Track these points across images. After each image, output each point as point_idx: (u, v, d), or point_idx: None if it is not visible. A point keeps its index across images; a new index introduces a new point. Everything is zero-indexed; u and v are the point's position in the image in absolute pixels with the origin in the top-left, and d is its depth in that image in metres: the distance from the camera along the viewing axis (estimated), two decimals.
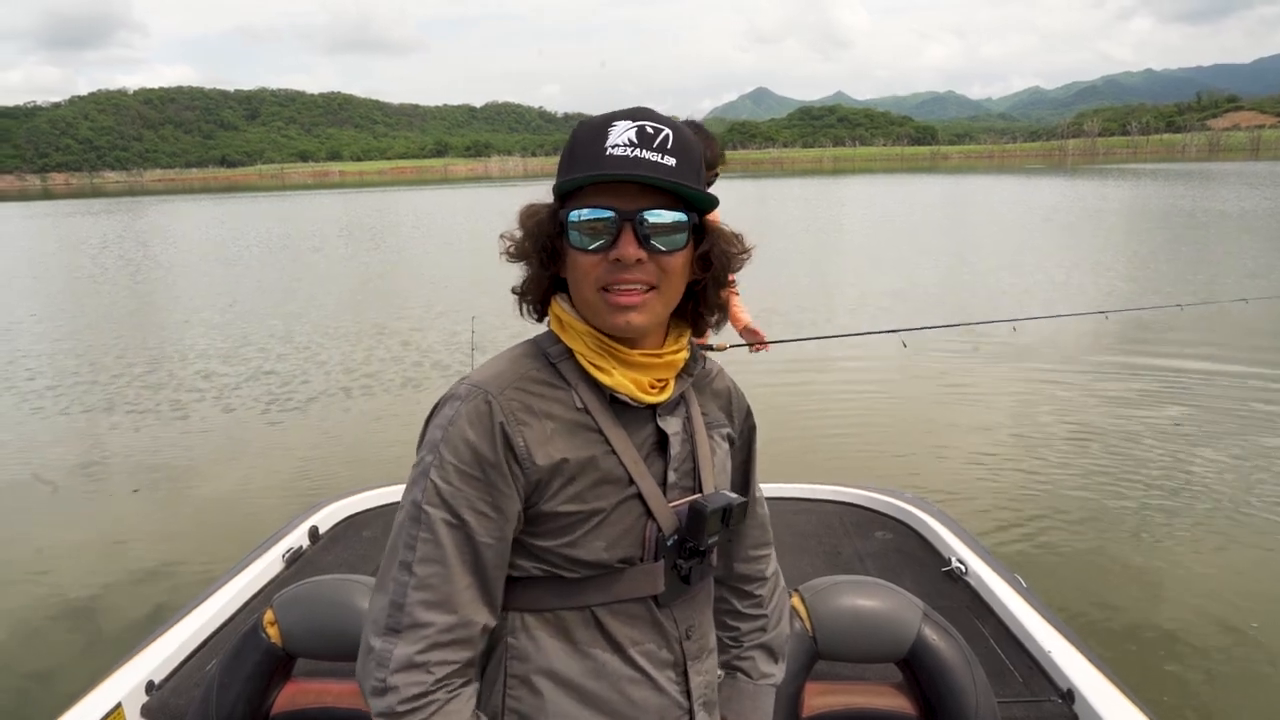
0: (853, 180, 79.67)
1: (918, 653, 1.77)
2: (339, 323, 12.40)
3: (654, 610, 1.08)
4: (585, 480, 1.01)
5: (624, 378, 1.03)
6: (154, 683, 2.26)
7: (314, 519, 3.30)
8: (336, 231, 32.76)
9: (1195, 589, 4.28)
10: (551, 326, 1.08)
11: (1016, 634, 2.42)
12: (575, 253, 1.00)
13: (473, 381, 1.02)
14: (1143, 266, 15.45)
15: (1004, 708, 1.84)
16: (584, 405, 1.03)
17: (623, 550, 1.04)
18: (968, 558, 2.84)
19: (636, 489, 1.04)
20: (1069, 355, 9.17)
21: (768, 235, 24.25)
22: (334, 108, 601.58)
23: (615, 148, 0.98)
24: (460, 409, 1.00)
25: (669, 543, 1.06)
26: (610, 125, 0.99)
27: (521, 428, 0.99)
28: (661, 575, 1.07)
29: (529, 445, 0.99)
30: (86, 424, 7.78)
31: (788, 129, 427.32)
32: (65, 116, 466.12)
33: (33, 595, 4.60)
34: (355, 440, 7.15)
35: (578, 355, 1.04)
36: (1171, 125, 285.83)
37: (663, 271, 1.00)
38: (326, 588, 1.92)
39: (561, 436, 1.01)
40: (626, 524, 1.04)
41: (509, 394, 1.01)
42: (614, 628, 1.06)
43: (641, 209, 0.98)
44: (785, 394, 7.92)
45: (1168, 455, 6.18)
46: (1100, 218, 27.01)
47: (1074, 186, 50.46)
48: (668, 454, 1.09)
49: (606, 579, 1.04)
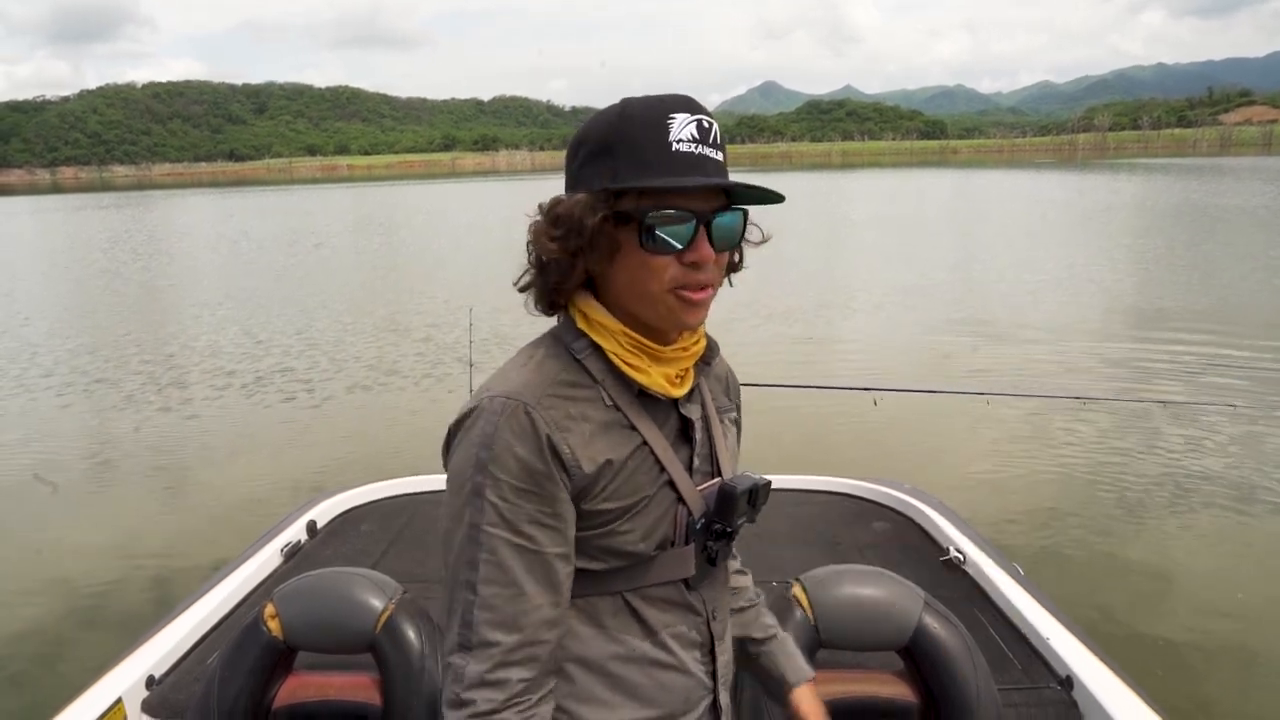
0: (861, 175, 79.37)
1: (919, 641, 1.79)
2: (351, 317, 12.34)
3: (685, 593, 1.11)
4: (624, 476, 1.02)
5: (659, 374, 1.05)
6: (154, 677, 2.26)
7: (311, 513, 3.30)
8: (347, 226, 32.83)
9: (1192, 577, 4.31)
10: (578, 324, 1.06)
11: (1015, 622, 2.45)
12: (648, 254, 0.98)
13: (504, 393, 0.99)
14: (1165, 265, 15.30)
15: (1004, 695, 1.86)
16: (614, 402, 1.04)
17: (657, 537, 1.06)
18: (966, 547, 2.86)
19: (668, 477, 1.06)
20: (1068, 349, 9.09)
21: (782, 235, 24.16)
22: (342, 102, 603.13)
23: (680, 143, 0.96)
24: (500, 424, 0.97)
25: (698, 526, 1.09)
26: (669, 117, 0.97)
27: (565, 435, 0.98)
28: (692, 558, 1.10)
29: (574, 452, 0.99)
30: (94, 417, 7.75)
31: (796, 123, 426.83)
32: (74, 110, 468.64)
33: (41, 586, 4.60)
34: (362, 432, 7.12)
35: (609, 354, 1.04)
36: (1183, 120, 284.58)
37: (720, 270, 1.03)
38: (327, 580, 1.93)
39: (600, 437, 1.01)
40: (660, 512, 1.06)
41: (546, 402, 0.99)
42: (647, 613, 1.08)
43: (715, 211, 0.98)
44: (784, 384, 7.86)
45: (1166, 444, 6.20)
46: (1123, 213, 26.84)
47: (1084, 180, 50.23)
48: (693, 441, 1.11)
49: (640, 566, 1.06)
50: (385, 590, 1.89)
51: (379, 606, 1.85)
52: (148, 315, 13.56)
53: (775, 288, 13.30)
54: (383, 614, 1.85)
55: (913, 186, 51.98)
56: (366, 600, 1.86)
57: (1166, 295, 12.19)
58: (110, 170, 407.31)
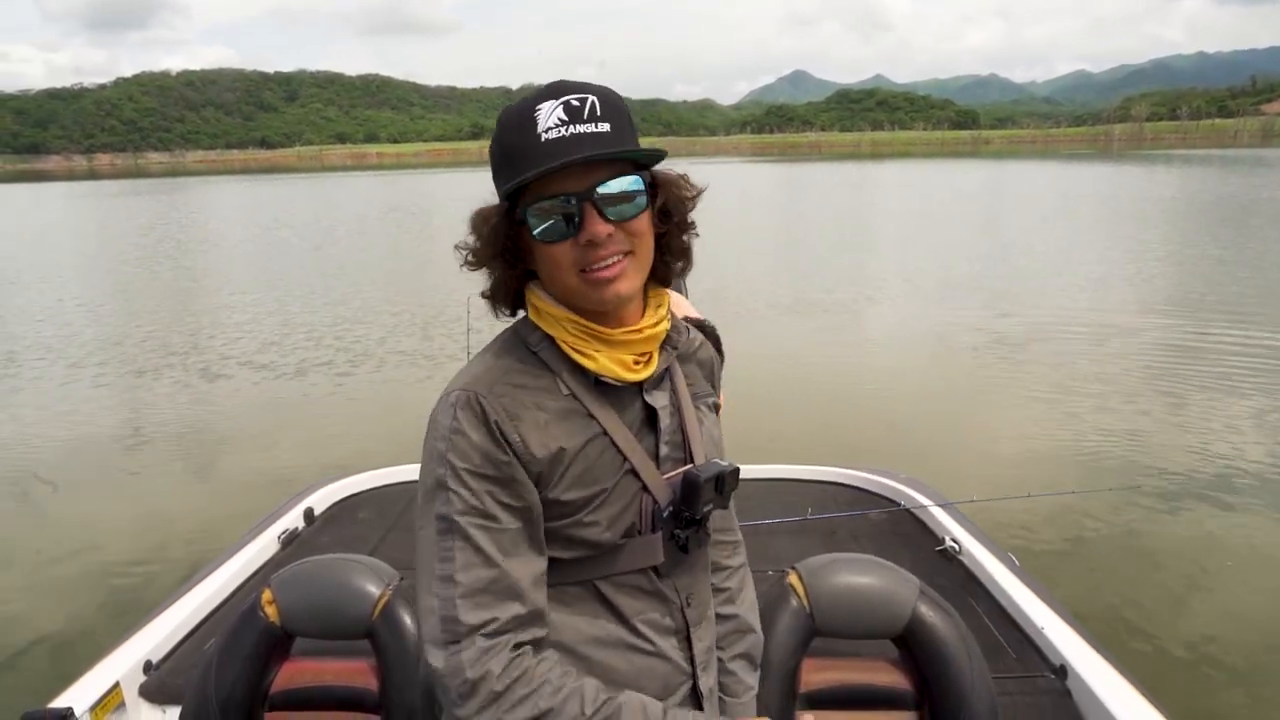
0: (891, 165, 78.52)
1: (914, 629, 1.80)
2: (382, 306, 12.45)
3: (655, 580, 1.11)
4: (583, 465, 1.02)
5: (608, 360, 1.05)
6: (152, 662, 2.27)
7: (309, 500, 3.33)
8: (379, 213, 33.04)
9: (1184, 567, 4.35)
10: (530, 316, 1.08)
11: (1010, 611, 2.47)
12: (544, 246, 1.00)
13: (460, 386, 1.02)
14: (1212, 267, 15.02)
15: (998, 683, 1.87)
16: (570, 390, 1.04)
17: (622, 526, 1.06)
18: (961, 537, 2.89)
19: (631, 466, 1.06)
20: (1066, 346, 9.02)
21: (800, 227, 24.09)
22: (372, 90, 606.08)
23: (548, 131, 0.96)
24: (456, 415, 1.00)
25: (665, 514, 1.09)
26: (535, 110, 0.97)
27: (516, 423, 0.99)
28: (660, 546, 1.09)
29: (525, 440, 0.99)
30: (116, 399, 7.91)
31: (825, 112, 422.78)
32: (110, 98, 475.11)
33: (76, 562, 4.69)
34: (375, 416, 7.14)
35: (559, 342, 1.05)
36: (1223, 110, 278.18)
37: (633, 236, 1.01)
38: (325, 567, 1.93)
39: (555, 425, 1.02)
40: (624, 501, 1.06)
41: (497, 390, 1.01)
42: (617, 600, 1.08)
43: (595, 184, 0.97)
44: (781, 374, 7.95)
45: (1161, 435, 6.18)
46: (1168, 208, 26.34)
47: (1122, 173, 49.30)
48: (658, 428, 1.11)
49: (607, 554, 1.06)
50: (382, 577, 1.90)
51: (376, 593, 1.86)
52: (192, 298, 13.77)
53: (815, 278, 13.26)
54: (380, 600, 1.85)
55: (948, 180, 51.30)
56: (364, 587, 1.86)
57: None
58: (145, 157, 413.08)
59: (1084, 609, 3.69)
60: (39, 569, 4.74)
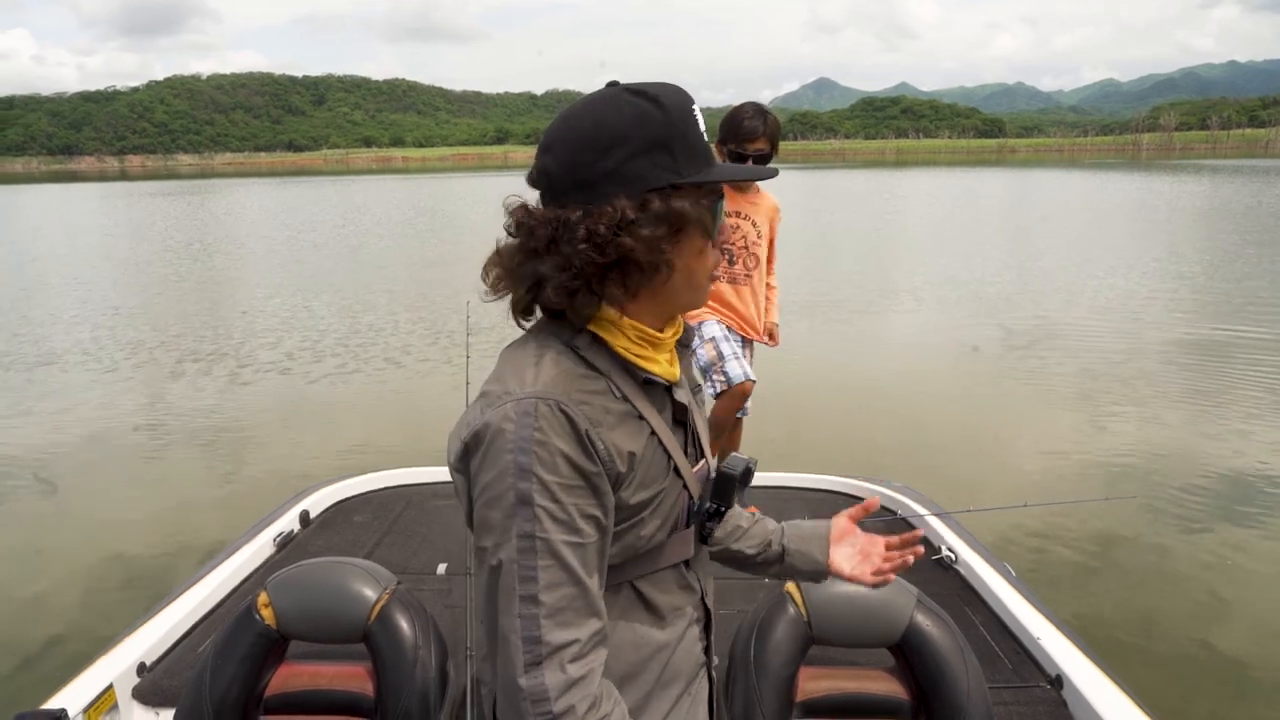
0: (916, 173, 78.10)
1: (910, 638, 1.80)
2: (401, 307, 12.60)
3: (684, 574, 1.13)
4: (644, 467, 1.02)
5: (665, 362, 1.06)
6: (145, 664, 2.24)
7: (304, 503, 3.31)
8: (409, 216, 33.31)
9: (1180, 577, 4.34)
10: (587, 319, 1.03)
11: (1006, 621, 2.47)
12: (709, 243, 1.03)
13: (532, 394, 0.95)
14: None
15: (994, 693, 1.87)
16: (623, 394, 1.02)
17: (670, 524, 1.07)
18: (957, 546, 2.89)
19: (674, 464, 1.07)
20: (1066, 349, 9.04)
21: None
22: (398, 94, 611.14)
23: (705, 134, 1.00)
24: (535, 425, 0.93)
25: (698, 509, 1.11)
26: (693, 109, 1.00)
27: (600, 430, 0.97)
28: (692, 540, 1.12)
29: (609, 446, 0.98)
30: (136, 401, 8.07)
31: (850, 120, 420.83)
32: (142, 101, 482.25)
33: (87, 558, 4.69)
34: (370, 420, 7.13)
35: (616, 348, 1.02)
36: (1255, 120, 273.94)
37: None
38: (321, 570, 1.92)
39: (621, 430, 1.00)
40: (673, 499, 1.07)
41: (576, 398, 0.97)
42: (655, 597, 1.09)
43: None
44: (776, 383, 7.86)
45: (1158, 442, 6.17)
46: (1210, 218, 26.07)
47: (1152, 181, 48.80)
48: (687, 425, 1.12)
49: (650, 553, 1.06)
50: (379, 580, 1.88)
51: (373, 597, 1.84)
52: (217, 301, 13.98)
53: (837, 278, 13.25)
54: (376, 604, 1.84)
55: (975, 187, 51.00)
56: (360, 590, 1.85)
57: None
58: (175, 159, 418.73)
59: (1080, 619, 3.71)
60: (47, 569, 4.68)
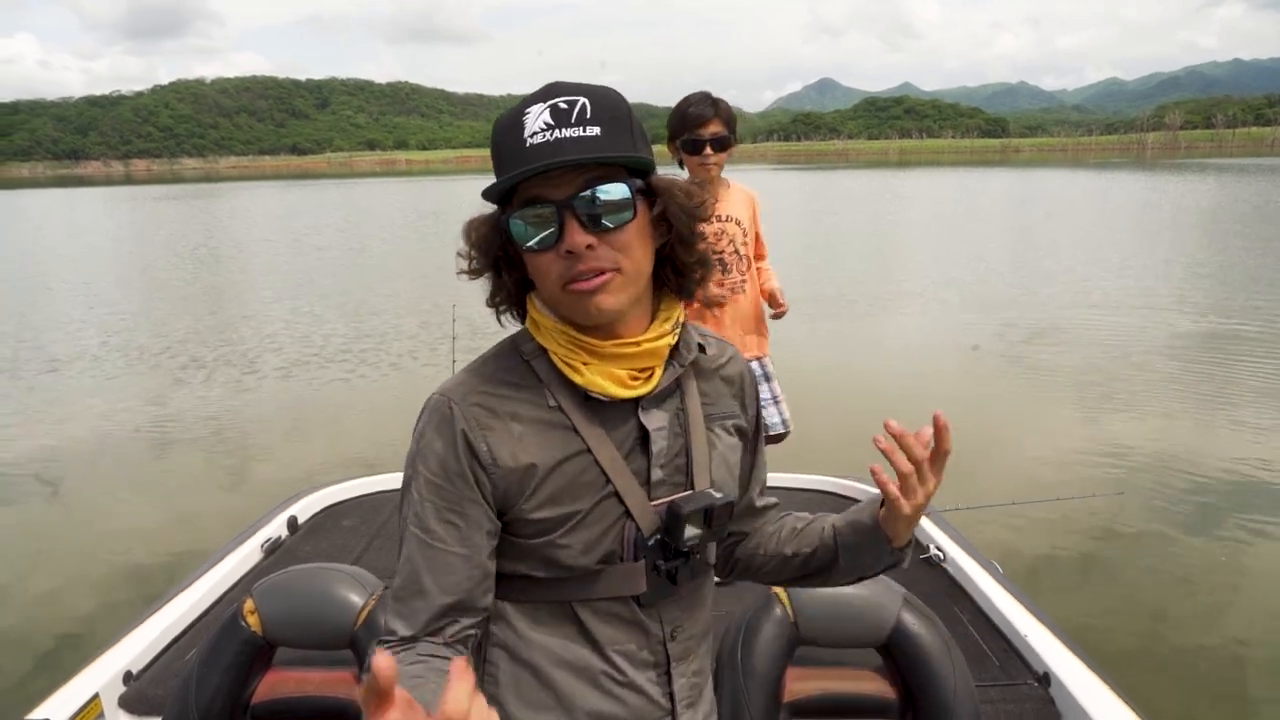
0: (919, 173, 78.02)
1: (897, 638, 1.79)
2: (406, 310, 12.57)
3: (635, 610, 1.04)
4: (557, 483, 0.98)
5: (597, 374, 0.99)
6: (132, 673, 2.23)
7: (293, 509, 3.29)
8: (412, 219, 33.33)
9: (1169, 575, 4.34)
10: (528, 326, 1.04)
11: (994, 619, 2.48)
12: (529, 256, 0.96)
13: (441, 390, 1.01)
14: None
15: (982, 691, 1.86)
16: (558, 404, 0.99)
17: (601, 552, 1.01)
18: (946, 545, 2.88)
19: (613, 488, 1.00)
20: (1066, 349, 8.99)
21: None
22: (401, 97, 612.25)
23: (534, 135, 0.91)
24: (428, 420, 1.00)
25: (650, 543, 1.02)
26: (524, 114, 0.93)
27: (485, 432, 0.97)
28: (642, 576, 1.03)
29: (493, 450, 0.96)
30: (151, 392, 8.07)
31: (853, 120, 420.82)
32: (147, 105, 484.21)
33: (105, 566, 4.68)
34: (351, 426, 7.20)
35: (551, 354, 1.00)
36: (1260, 118, 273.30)
37: (618, 250, 0.94)
38: (307, 576, 1.92)
39: (531, 438, 0.98)
40: (604, 525, 1.00)
41: (472, 398, 0.99)
42: (593, 626, 1.03)
43: (575, 193, 0.91)
44: (781, 378, 7.84)
45: (1153, 441, 6.19)
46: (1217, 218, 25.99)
47: (1156, 179, 48.67)
48: (649, 450, 1.03)
49: (585, 579, 1.02)
50: (366, 586, 1.87)
51: (359, 603, 1.84)
52: (226, 305, 14.00)
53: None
54: (363, 610, 1.83)
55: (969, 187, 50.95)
56: (347, 596, 1.84)
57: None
58: (180, 163, 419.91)
59: (1068, 617, 3.69)
60: (46, 572, 4.68)
